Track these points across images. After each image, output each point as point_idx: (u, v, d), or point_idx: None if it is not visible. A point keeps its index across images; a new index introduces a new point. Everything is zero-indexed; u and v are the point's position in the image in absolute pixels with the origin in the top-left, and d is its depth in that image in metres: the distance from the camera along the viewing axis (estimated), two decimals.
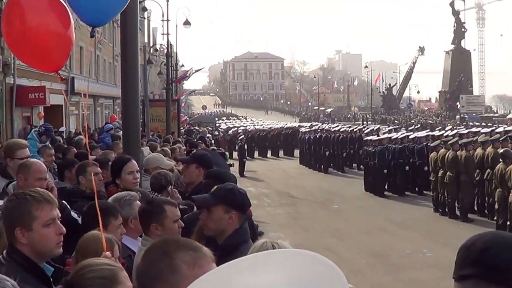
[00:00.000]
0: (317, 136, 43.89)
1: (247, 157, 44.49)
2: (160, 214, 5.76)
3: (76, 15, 6.76)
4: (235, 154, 46.71)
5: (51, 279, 4.33)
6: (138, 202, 6.42)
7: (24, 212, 4.20)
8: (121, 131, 13.36)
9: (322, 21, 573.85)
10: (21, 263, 4.14)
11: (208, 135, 40.95)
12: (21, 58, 6.86)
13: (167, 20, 49.41)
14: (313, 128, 50.16)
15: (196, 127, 55.68)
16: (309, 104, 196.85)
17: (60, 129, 36.51)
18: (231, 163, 23.31)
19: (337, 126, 52.70)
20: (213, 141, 38.74)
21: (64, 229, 4.41)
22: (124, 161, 8.21)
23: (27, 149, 9.21)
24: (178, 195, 8.35)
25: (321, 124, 67.69)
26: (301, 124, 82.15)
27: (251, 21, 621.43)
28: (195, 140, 24.38)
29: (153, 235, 5.68)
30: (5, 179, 8.28)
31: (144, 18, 60.70)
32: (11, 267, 4.02)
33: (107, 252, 4.45)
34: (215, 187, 5.59)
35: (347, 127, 47.73)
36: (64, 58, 6.78)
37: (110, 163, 9.04)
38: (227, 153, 31.42)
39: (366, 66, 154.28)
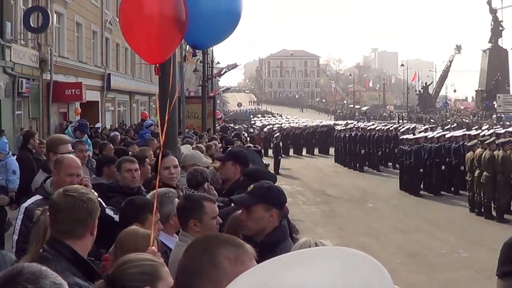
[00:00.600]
0: (353, 134, 43.74)
1: (282, 155, 44.43)
2: (199, 210, 5.77)
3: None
4: (270, 152, 46.71)
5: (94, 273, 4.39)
6: (177, 199, 6.45)
7: (97, 205, 4.35)
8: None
9: (355, 20, 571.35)
10: (67, 256, 4.19)
11: (243, 132, 40.97)
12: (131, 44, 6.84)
13: None
14: (349, 126, 49.93)
15: (232, 124, 55.66)
16: (345, 102, 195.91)
17: (96, 125, 36.76)
18: (267, 163, 23.33)
19: (373, 124, 52.44)
20: (248, 139, 38.76)
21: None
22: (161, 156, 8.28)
23: (69, 144, 9.34)
24: (215, 191, 8.38)
25: (356, 122, 67.36)
26: (337, 122, 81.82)
27: (264, 22, 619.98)
28: (231, 137, 24.42)
29: (192, 231, 5.70)
30: (45, 173, 8.38)
31: None
32: (59, 261, 4.07)
33: (153, 247, 4.49)
34: (252, 186, 5.59)
35: (382, 126, 47.49)
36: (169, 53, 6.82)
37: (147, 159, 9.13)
38: (262, 150, 31.43)
39: (402, 65, 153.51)
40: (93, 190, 4.60)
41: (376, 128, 44.56)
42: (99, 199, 6.12)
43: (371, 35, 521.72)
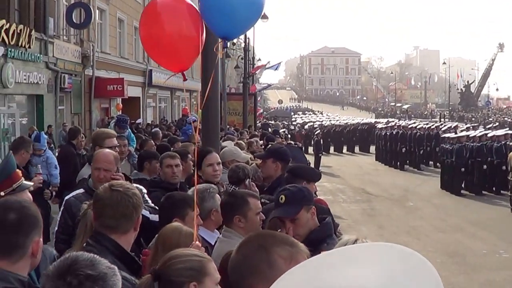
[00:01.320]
0: (394, 133, 43.53)
1: (323, 152, 44.32)
2: (243, 206, 5.77)
3: (209, 28, 6.87)
4: (310, 149, 46.61)
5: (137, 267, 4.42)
6: (218, 195, 6.47)
7: (142, 201, 4.41)
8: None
9: (396, 17, 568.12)
10: (112, 251, 4.21)
11: (283, 129, 40.94)
12: (154, 59, 7.02)
13: None
14: (390, 125, 49.66)
15: (272, 121, 55.67)
16: (386, 100, 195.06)
17: (136, 121, 36.98)
18: (308, 161, 23.30)
19: (414, 122, 52.13)
20: (289, 136, 38.71)
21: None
22: (205, 153, 8.29)
23: (115, 138, 9.44)
24: (256, 188, 8.37)
25: (397, 120, 66.99)
26: (378, 120, 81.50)
27: (305, 19, 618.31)
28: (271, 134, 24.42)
29: (236, 227, 5.72)
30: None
31: None
32: (104, 255, 4.10)
33: (197, 242, 4.50)
34: (283, 197, 5.55)
35: (424, 124, 47.21)
36: (192, 60, 6.93)
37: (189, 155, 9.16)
38: (303, 147, 31.38)
39: (444, 63, 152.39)
40: (141, 186, 4.62)
41: (418, 127, 44.27)
42: (145, 195, 6.14)
43: (413, 32, 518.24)
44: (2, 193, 4.47)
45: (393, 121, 58.74)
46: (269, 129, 30.14)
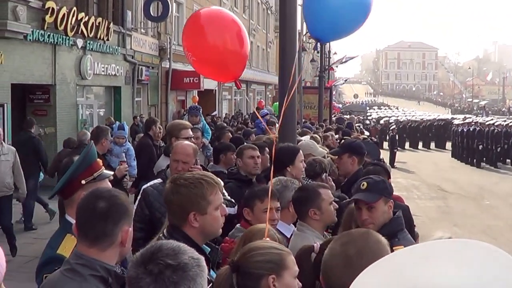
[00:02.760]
0: (471, 129, 42.92)
1: (398, 148, 43.96)
2: (317, 198, 5.79)
3: (308, 28, 6.97)
4: (385, 144, 46.29)
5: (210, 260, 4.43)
6: None
7: (200, 197, 4.29)
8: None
9: (475, 12, 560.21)
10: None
11: (358, 124, 40.72)
12: (202, 73, 7.22)
13: None
14: (467, 121, 48.98)
15: (347, 116, 55.47)
16: (463, 96, 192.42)
17: (212, 113, 37.21)
18: (382, 157, 23.15)
19: (491, 119, 51.30)
20: (364, 131, 38.49)
21: (227, 211, 4.52)
22: (298, 149, 8.27)
23: (190, 129, 9.53)
24: (332, 183, 8.34)
25: (475, 117, 66.02)
26: (454, 116, 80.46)
27: (381, 12, 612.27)
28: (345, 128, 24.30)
29: (311, 220, 5.74)
30: (167, 158, 8.57)
31: (299, 5, 61.04)
32: None
33: (267, 239, 4.49)
34: (365, 183, 5.55)
35: (502, 121, 46.42)
36: (241, 70, 7.06)
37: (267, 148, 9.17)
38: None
39: None
40: (218, 179, 4.61)
41: (495, 124, 43.54)
42: (223, 191, 6.16)
43: (491, 27, 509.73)
44: (83, 182, 4.54)
45: (470, 118, 57.93)
46: (343, 124, 30.04)
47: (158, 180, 7.18)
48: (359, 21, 7.28)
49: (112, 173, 5.07)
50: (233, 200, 7.09)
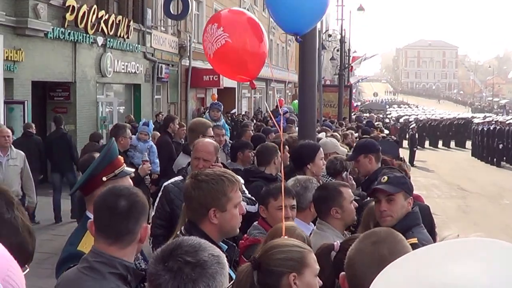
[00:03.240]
0: (491, 128, 42.71)
1: (418, 147, 43.82)
2: (338, 197, 5.79)
3: (278, 25, 7.00)
4: (405, 143, 46.15)
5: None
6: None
7: (221, 193, 4.29)
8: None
9: (494, 10, 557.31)
10: None
11: (378, 122, 40.64)
12: (221, 72, 7.25)
13: (342, 6, 49.45)
14: (487, 120, 48.75)
15: (367, 114, 55.35)
16: (483, 94, 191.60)
17: (231, 111, 37.23)
18: (402, 156, 23.09)
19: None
20: (384, 129, 38.44)
21: (245, 210, 4.51)
22: (318, 146, 8.26)
23: (211, 128, 9.55)
24: (353, 181, 8.32)
25: (495, 115, 65.71)
26: (474, 115, 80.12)
27: (401, 11, 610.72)
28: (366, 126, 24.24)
29: (333, 219, 5.74)
30: (186, 156, 8.59)
31: None
32: None
33: (285, 237, 4.48)
34: (386, 177, 5.56)
35: None
36: (259, 69, 7.06)
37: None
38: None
39: None
40: (238, 177, 4.61)
41: None
42: (244, 189, 6.14)
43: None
44: (104, 178, 4.54)
45: (490, 116, 57.69)
46: (362, 122, 29.99)
47: (179, 178, 7.19)
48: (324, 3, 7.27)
49: (133, 170, 5.08)
50: (253, 198, 7.09)
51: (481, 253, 1.60)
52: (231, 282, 2.86)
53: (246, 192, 7.12)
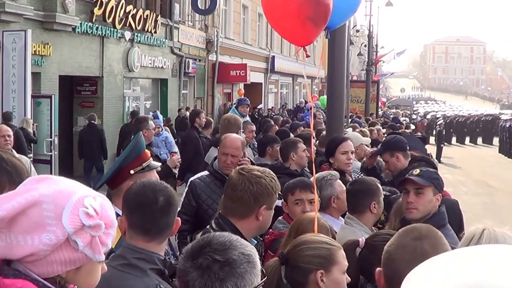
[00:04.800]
0: None
1: (445, 143, 43.61)
2: (378, 191, 5.83)
3: None
4: (432, 139, 45.96)
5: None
6: (339, 181, 6.43)
7: (274, 191, 4.34)
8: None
9: None
10: None
11: (404, 118, 40.49)
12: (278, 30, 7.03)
13: (370, 1, 49.33)
14: None
15: (393, 110, 55.17)
16: (511, 90, 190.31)
17: (258, 106, 37.23)
18: (429, 152, 23.00)
19: None
20: (410, 125, 38.29)
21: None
22: (340, 140, 8.24)
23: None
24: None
25: None
26: (502, 111, 79.64)
27: (430, 6, 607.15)
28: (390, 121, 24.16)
29: (369, 213, 5.75)
30: (217, 150, 8.66)
31: None
32: None
33: (315, 232, 4.47)
34: (419, 170, 5.55)
35: None
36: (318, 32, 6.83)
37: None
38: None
39: None
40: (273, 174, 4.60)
41: None
42: None
43: None
44: (132, 172, 4.55)
45: None
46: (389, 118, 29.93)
47: (205, 173, 7.18)
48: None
49: (159, 164, 5.08)
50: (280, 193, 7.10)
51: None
52: (263, 280, 2.84)
53: None
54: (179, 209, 7.07)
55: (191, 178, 7.33)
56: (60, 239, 2.13)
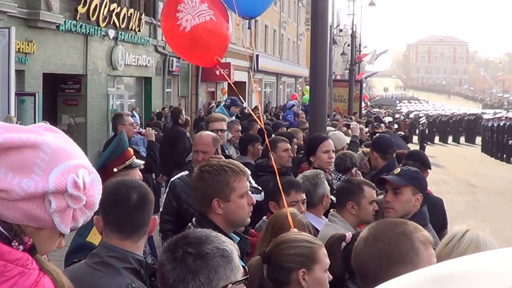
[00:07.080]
0: (501, 124, 42.69)
1: (428, 142, 43.76)
2: (358, 193, 5.79)
3: (231, 9, 7.10)
4: (415, 139, 46.11)
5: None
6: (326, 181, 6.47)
7: (223, 183, 4.28)
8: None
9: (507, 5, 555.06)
10: None
11: (387, 117, 40.58)
12: (182, 56, 7.44)
13: (353, 1, 49.46)
14: (497, 116, 48.71)
15: (376, 109, 55.34)
16: (493, 90, 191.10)
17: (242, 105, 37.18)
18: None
19: None
20: (395, 125, 38.41)
21: (254, 200, 4.50)
22: (321, 139, 8.27)
23: (224, 122, 9.62)
24: (362, 177, 8.33)
25: (505, 111, 65.64)
26: (484, 110, 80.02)
27: (412, 6, 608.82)
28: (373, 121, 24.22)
29: (347, 213, 5.75)
30: None
31: None
32: None
33: (294, 229, 4.50)
34: (399, 169, 5.59)
35: None
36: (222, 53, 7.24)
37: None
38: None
39: None
40: (245, 168, 4.60)
41: None
42: (250, 179, 6.15)
43: None
44: (115, 169, 4.56)
45: (500, 112, 57.68)
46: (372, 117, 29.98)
47: (185, 172, 7.22)
48: None
49: (143, 162, 5.09)
50: (259, 188, 7.12)
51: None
52: (243, 277, 2.86)
53: (253, 182, 7.13)
54: (161, 209, 7.16)
55: (172, 179, 7.39)
56: (37, 191, 2.10)
